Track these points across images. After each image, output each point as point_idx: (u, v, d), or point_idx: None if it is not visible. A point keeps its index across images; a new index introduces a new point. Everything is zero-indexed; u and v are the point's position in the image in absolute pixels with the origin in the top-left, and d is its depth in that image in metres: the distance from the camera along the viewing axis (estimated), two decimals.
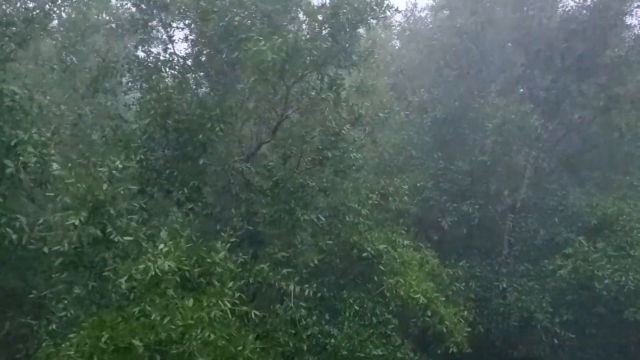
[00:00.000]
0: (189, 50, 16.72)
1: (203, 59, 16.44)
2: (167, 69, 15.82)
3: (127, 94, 17.09)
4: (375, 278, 14.69)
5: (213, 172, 15.96)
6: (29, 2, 16.51)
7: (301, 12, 15.69)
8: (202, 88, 17.10)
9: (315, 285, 14.03)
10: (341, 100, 15.32)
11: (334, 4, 14.58)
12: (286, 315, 13.55)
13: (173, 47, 16.53)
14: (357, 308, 14.24)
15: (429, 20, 26.61)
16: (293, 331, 13.30)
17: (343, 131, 14.89)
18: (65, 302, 11.25)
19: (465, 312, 15.61)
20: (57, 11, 16.34)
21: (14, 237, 12.07)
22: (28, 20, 14.17)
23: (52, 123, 13.26)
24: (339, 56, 14.97)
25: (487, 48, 22.75)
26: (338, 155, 14.83)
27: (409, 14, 27.14)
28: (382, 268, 14.55)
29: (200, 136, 14.44)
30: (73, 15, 19.06)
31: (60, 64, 16.21)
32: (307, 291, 13.51)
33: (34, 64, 17.09)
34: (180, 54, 16.61)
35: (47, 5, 14.84)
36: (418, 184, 19.40)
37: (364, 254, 14.63)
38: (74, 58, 16.57)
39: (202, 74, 16.73)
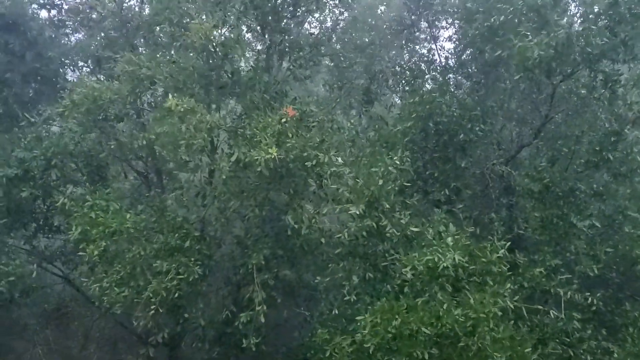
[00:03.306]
0: (452, 49, 16.74)
1: (464, 57, 16.29)
2: (430, 70, 15.99)
3: (385, 95, 17.65)
4: None
5: (471, 175, 15.72)
6: (311, 28, 17.93)
7: (573, 4, 14.64)
8: (460, 89, 16.98)
9: (591, 296, 12.81)
10: (617, 98, 13.88)
11: None
12: (556, 325, 12.62)
13: (436, 46, 16.72)
14: None
15: None
16: (568, 339, 12.30)
17: (627, 130, 13.44)
18: (344, 290, 11.86)
19: None
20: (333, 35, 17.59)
21: (295, 226, 13.16)
22: (314, 45, 15.57)
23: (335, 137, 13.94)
24: (616, 50, 13.60)
25: None
26: (620, 157, 13.45)
27: None
28: None
29: (461, 136, 14.29)
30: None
31: (337, 83, 17.31)
32: (589, 299, 12.40)
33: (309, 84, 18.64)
34: (442, 54, 16.73)
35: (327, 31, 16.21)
36: None
37: None
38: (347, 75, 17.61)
39: (462, 73, 16.59)
